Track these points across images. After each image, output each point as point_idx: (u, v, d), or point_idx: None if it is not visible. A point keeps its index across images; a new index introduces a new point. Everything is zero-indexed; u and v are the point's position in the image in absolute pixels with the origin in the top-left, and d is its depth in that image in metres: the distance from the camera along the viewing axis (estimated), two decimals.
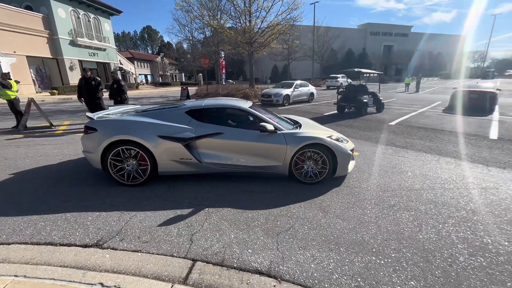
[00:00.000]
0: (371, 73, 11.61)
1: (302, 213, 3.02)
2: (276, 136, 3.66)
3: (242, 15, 18.15)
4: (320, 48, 41.25)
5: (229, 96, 17.78)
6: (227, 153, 3.65)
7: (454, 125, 8.27)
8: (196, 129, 3.61)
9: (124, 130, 3.48)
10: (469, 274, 2.10)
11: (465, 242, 2.52)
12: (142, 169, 3.59)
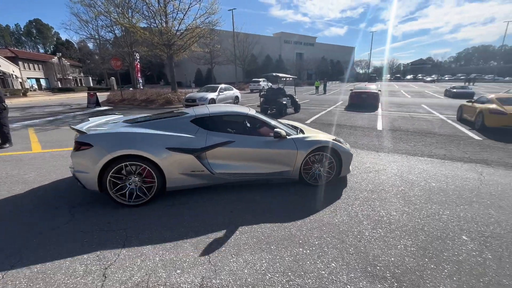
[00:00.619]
0: (287, 77, 12.77)
1: (227, 220, 2.98)
2: (286, 142, 3.64)
3: (157, 15, 16.96)
4: (241, 53, 42.89)
5: (149, 102, 16.30)
6: (238, 161, 3.49)
7: (353, 120, 9.99)
8: (206, 139, 3.36)
9: (127, 143, 3.03)
10: (373, 246, 2.51)
11: (368, 218, 3.01)
12: (147, 186, 3.18)
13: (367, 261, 2.30)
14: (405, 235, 2.69)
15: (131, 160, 3.04)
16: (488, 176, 4.41)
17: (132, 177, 3.11)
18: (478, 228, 2.85)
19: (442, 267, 2.24)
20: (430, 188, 3.88)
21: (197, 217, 3.00)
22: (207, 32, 18.64)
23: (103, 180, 3.00)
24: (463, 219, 3.03)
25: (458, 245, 2.55)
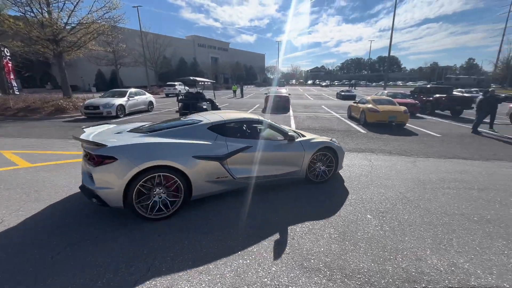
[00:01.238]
0: (205, 81, 12.53)
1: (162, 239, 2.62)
2: (294, 144, 3.94)
3: (35, 2, 13.42)
4: (152, 55, 39.46)
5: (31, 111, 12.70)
6: (255, 165, 3.60)
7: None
8: (227, 145, 3.41)
9: (154, 154, 2.90)
10: (305, 240, 2.70)
11: (294, 214, 3.23)
12: (171, 200, 3.05)
13: (302, 256, 2.45)
14: (328, 224, 3.04)
15: (158, 171, 2.89)
16: (376, 161, 5.57)
17: (156, 189, 2.96)
18: (376, 206, 3.52)
19: (359, 246, 2.63)
20: (338, 177, 4.56)
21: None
22: (108, 29, 16.15)
23: (128, 195, 2.79)
24: (365, 200, 3.68)
25: (366, 224, 3.06)
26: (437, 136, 8.51)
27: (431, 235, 2.86)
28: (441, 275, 2.26)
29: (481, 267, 2.38)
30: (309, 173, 4.14)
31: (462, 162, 5.70)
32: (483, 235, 2.89)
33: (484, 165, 5.47)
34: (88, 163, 2.85)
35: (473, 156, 6.16)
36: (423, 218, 3.23)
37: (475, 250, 2.61)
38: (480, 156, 6.19)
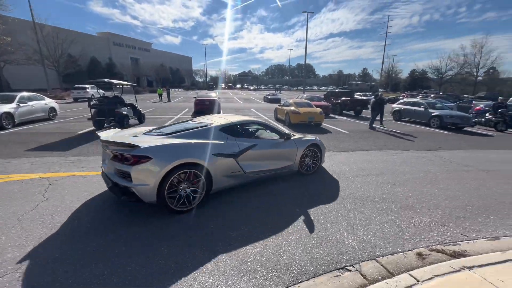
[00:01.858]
0: (124, 84, 11.19)
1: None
2: (289, 142, 4.61)
3: None
4: (52, 52, 32.56)
5: None
6: (260, 161, 4.14)
7: None
8: (238, 144, 3.90)
9: (183, 153, 3.27)
10: (240, 243, 2.71)
11: (234, 219, 3.22)
12: (194, 194, 3.38)
13: (239, 261, 2.44)
14: (259, 225, 3.15)
15: (186, 168, 3.22)
16: None
17: (183, 184, 3.26)
18: (302, 200, 3.87)
19: (291, 239, 2.83)
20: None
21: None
22: None
23: (161, 190, 3.06)
24: (294, 197, 4.01)
25: (295, 217, 3.32)
26: (346, 132, 10.07)
27: (346, 219, 3.33)
28: (355, 252, 2.65)
29: (382, 238, 2.92)
30: (300, 167, 4.85)
31: (365, 153, 6.91)
32: (382, 212, 3.56)
33: (379, 154, 6.79)
34: (120, 163, 3.08)
35: (371, 147, 7.57)
36: (339, 205, 3.74)
37: (377, 226, 3.19)
38: (376, 147, 7.66)
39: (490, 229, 3.23)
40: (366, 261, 2.51)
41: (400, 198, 4.05)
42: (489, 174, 5.38)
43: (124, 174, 3.07)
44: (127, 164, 3.03)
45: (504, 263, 2.42)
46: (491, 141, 9.34)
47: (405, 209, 3.67)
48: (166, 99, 26.98)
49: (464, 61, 43.51)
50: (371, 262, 2.50)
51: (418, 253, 2.67)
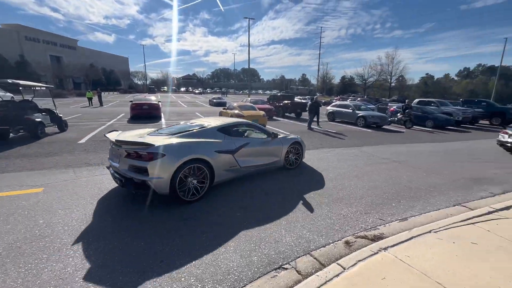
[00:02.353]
0: (35, 86, 9.40)
1: None
2: (276, 140, 5.24)
3: None
4: None
5: None
6: (252, 157, 4.76)
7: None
8: (233, 142, 4.43)
9: (191, 150, 3.75)
10: (169, 259, 2.50)
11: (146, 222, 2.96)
12: (200, 186, 3.83)
13: (171, 278, 2.24)
14: (199, 233, 2.99)
15: (193, 163, 3.68)
16: None
17: (190, 178, 3.71)
18: (241, 202, 3.86)
19: (229, 246, 2.75)
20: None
21: None
22: None
23: (172, 182, 3.47)
24: (231, 200, 3.95)
25: (234, 221, 3.27)
26: (287, 134, 10.63)
27: (285, 217, 3.44)
28: (292, 249, 2.74)
29: (316, 232, 3.10)
30: (285, 162, 5.46)
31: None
32: (316, 206, 3.81)
33: (316, 153, 7.35)
34: (136, 160, 3.44)
35: (309, 147, 8.15)
36: (281, 204, 3.85)
37: (312, 220, 3.38)
38: (313, 146, 8.28)
39: (401, 212, 3.78)
40: (302, 257, 2.61)
41: (332, 192, 4.42)
42: (401, 164, 6.38)
43: (140, 169, 3.45)
44: (144, 161, 3.42)
45: (410, 240, 2.84)
46: (402, 137, 11.17)
47: (336, 201, 4.02)
48: (98, 103, 23.92)
49: (381, 70, 51.57)
50: (306, 257, 2.62)
51: (346, 241, 2.92)
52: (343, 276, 2.24)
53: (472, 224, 3.29)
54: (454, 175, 5.66)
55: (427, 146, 9.22)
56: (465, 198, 4.40)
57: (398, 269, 2.33)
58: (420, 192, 4.61)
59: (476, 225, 3.26)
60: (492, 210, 3.70)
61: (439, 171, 5.95)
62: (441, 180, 5.31)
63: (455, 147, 9.22)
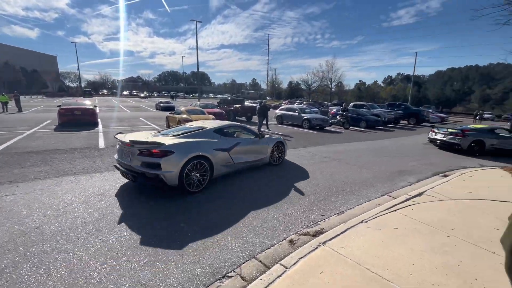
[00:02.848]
0: None
1: None
2: (262, 140, 5.99)
3: None
4: None
5: None
6: (244, 154, 5.42)
7: (68, 142, 8.35)
8: (228, 141, 5.12)
9: (195, 148, 4.36)
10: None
11: (93, 255, 2.61)
12: (203, 178, 4.44)
13: None
14: (135, 251, 2.71)
15: (196, 160, 4.28)
16: None
17: (194, 172, 4.29)
18: (190, 212, 3.67)
19: (170, 261, 2.56)
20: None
21: None
22: None
23: (180, 176, 4.06)
24: (179, 214, 3.73)
25: (179, 234, 3.07)
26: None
27: (233, 222, 3.40)
28: (237, 255, 2.71)
29: (262, 234, 3.14)
30: (270, 159, 6.17)
31: None
32: (263, 209, 3.87)
33: None
34: (149, 157, 3.95)
35: None
36: (229, 210, 3.79)
37: (259, 223, 3.42)
38: None
39: (339, 206, 4.12)
40: (247, 262, 2.60)
41: (278, 191, 4.57)
42: (339, 162, 7.00)
43: (153, 165, 3.92)
44: (157, 157, 3.91)
45: (345, 232, 3.10)
46: (341, 137, 12.35)
47: (282, 202, 4.15)
48: (15, 108, 20.03)
49: (322, 76, 56.31)
50: (251, 261, 2.61)
51: (290, 240, 3.02)
52: (285, 275, 2.30)
53: (394, 211, 3.79)
54: (382, 169, 6.48)
55: (361, 145, 10.39)
56: (390, 189, 5.06)
57: (334, 261, 2.51)
58: (355, 186, 5.12)
59: (397, 212, 3.77)
60: (409, 197, 4.34)
61: (370, 166, 6.73)
62: (371, 174, 6.01)
63: (383, 145, 10.60)
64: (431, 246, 2.87)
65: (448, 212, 3.82)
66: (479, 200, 4.37)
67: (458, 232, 3.21)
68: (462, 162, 7.90)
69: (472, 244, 2.94)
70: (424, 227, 3.31)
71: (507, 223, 1.69)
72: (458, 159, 8.29)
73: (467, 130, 9.59)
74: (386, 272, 2.37)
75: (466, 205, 4.14)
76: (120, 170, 4.38)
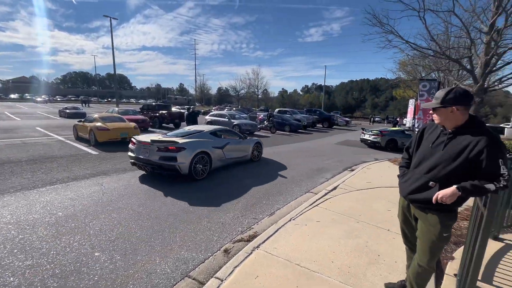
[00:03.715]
0: None
1: None
2: (246, 140, 7.42)
3: None
4: None
5: None
6: (232, 152, 6.75)
7: None
8: (221, 141, 6.48)
9: (200, 146, 5.73)
10: None
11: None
12: (205, 168, 5.78)
13: None
14: None
15: (201, 155, 5.63)
16: (108, 184, 5.10)
17: (198, 164, 5.57)
18: (106, 236, 3.14)
19: None
20: (56, 220, 3.51)
21: None
22: None
23: (190, 166, 5.37)
24: (93, 235, 3.15)
25: (93, 266, 2.57)
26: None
27: (160, 241, 3.08)
28: (168, 276, 2.46)
29: (195, 249, 2.96)
30: (252, 156, 7.51)
31: None
32: (195, 221, 3.68)
33: None
34: (167, 152, 5.25)
35: None
36: (153, 227, 3.42)
37: (191, 237, 3.22)
38: None
39: (270, 207, 4.32)
40: (179, 282, 2.39)
41: (211, 200, 4.44)
42: (268, 164, 7.40)
43: (170, 158, 5.22)
44: (174, 152, 5.25)
45: (276, 232, 3.27)
46: (269, 140, 13.14)
47: (214, 211, 4.05)
48: None
49: (249, 83, 58.94)
50: (184, 280, 2.41)
51: (224, 250, 2.96)
52: None
53: (316, 206, 4.24)
54: (305, 168, 7.20)
55: (287, 147, 11.31)
56: (312, 186, 5.65)
57: (268, 263, 2.59)
58: (283, 186, 5.50)
59: (319, 206, 4.23)
60: (327, 192, 4.95)
61: (295, 166, 7.38)
62: (297, 173, 6.60)
63: (304, 146, 11.84)
64: (346, 232, 3.33)
65: (356, 201, 4.54)
66: (376, 188, 5.38)
67: (364, 217, 3.84)
68: (362, 157, 9.61)
69: (374, 225, 3.57)
70: (340, 217, 3.82)
71: (396, 204, 2.26)
72: (360, 155, 10.04)
73: (385, 131, 12.02)
74: (313, 264, 2.60)
75: (367, 193, 5.02)
76: (137, 164, 5.64)
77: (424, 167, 1.78)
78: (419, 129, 2.02)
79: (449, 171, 1.63)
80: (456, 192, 1.54)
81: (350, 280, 2.37)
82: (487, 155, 1.48)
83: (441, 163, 1.68)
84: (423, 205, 1.77)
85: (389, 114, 52.41)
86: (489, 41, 7.56)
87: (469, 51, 8.59)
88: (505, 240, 3.15)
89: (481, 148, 1.50)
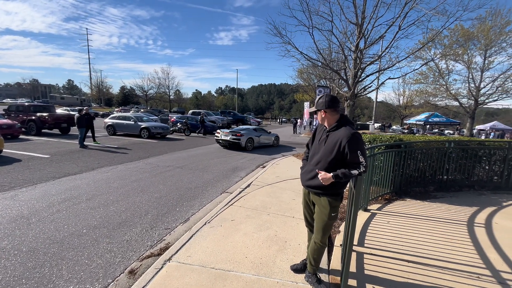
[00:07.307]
0: None
1: None
2: (270, 134, 13.45)
3: None
4: None
5: None
6: (263, 139, 12.48)
7: None
8: (258, 133, 12.28)
9: (249, 134, 11.34)
10: None
11: None
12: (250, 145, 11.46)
13: None
14: None
15: (249, 138, 11.35)
16: None
17: (248, 144, 11.32)
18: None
19: None
20: None
21: None
22: None
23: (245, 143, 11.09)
24: None
25: None
26: (45, 157, 7.82)
27: (37, 281, 2.39)
28: None
29: (90, 278, 2.46)
30: (273, 143, 13.04)
31: (72, 178, 5.76)
32: (91, 244, 3.06)
33: (91, 175, 6.05)
34: (236, 136, 11.02)
35: (82, 169, 6.56)
36: (26, 264, 2.62)
37: (84, 265, 2.65)
38: (87, 167, 6.77)
39: (184, 214, 4.10)
40: None
41: (113, 216, 3.82)
42: (182, 169, 7.04)
43: (237, 139, 10.93)
44: (239, 136, 10.99)
45: (191, 239, 3.13)
46: (183, 143, 12.54)
47: (117, 227, 3.50)
48: None
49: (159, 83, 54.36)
50: None
51: (130, 271, 2.59)
52: None
53: (231, 205, 4.33)
54: (220, 169, 7.24)
55: (202, 149, 11.10)
56: (228, 185, 5.75)
57: (181, 274, 2.44)
58: (199, 190, 5.34)
59: (234, 205, 4.34)
60: (241, 190, 5.15)
61: (211, 169, 7.32)
62: (212, 175, 6.55)
63: (218, 146, 11.93)
64: (259, 225, 3.55)
65: (267, 195, 4.93)
66: (283, 181, 6.01)
67: (273, 209, 4.21)
68: (272, 154, 10.56)
69: (282, 215, 3.97)
70: (253, 212, 4.04)
71: (300, 193, 2.61)
72: (270, 153, 11.00)
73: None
74: (228, 264, 2.63)
75: (276, 187, 5.54)
76: (220, 143, 11.50)
77: (315, 160, 2.13)
78: (315, 127, 2.40)
79: (329, 162, 2.00)
80: (330, 177, 1.94)
81: (262, 271, 2.53)
82: (349, 148, 1.90)
83: (324, 156, 2.04)
84: (316, 190, 2.11)
85: (293, 115, 60.02)
86: (355, 58, 9.77)
87: (343, 64, 10.85)
88: (371, 210, 4.14)
89: (345, 144, 1.91)
